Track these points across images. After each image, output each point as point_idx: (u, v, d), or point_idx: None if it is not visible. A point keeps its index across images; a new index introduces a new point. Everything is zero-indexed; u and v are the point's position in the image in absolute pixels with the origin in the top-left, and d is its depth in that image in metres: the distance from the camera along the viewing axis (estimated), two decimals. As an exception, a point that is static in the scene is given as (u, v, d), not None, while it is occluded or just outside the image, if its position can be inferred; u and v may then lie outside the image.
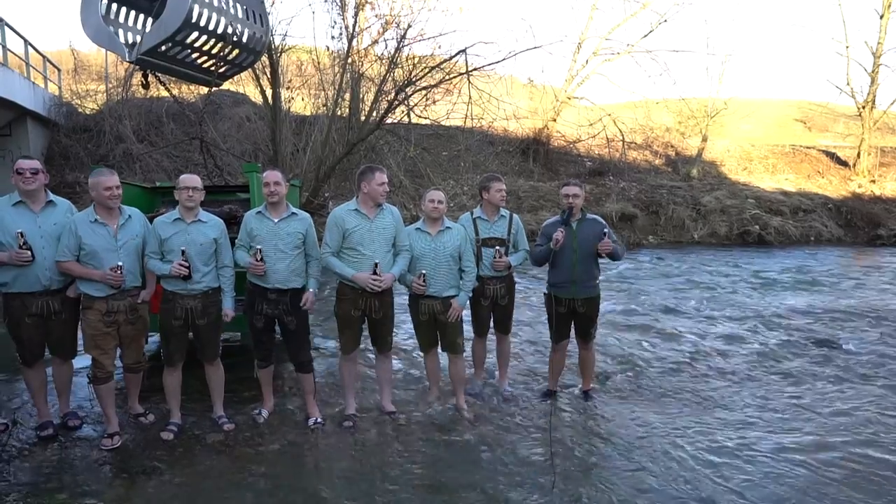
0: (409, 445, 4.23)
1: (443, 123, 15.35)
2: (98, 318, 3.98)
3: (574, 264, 4.71)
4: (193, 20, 5.26)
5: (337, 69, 15.55)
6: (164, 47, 5.40)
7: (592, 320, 4.95)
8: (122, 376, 4.51)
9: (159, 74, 6.38)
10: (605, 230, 4.73)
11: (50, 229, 3.98)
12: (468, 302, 4.76)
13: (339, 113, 15.21)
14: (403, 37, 14.05)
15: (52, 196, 4.11)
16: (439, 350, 4.81)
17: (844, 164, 21.00)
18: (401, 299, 4.81)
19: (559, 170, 19.09)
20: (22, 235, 3.84)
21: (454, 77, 14.03)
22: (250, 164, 5.85)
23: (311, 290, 4.36)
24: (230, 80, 7.47)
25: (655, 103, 20.48)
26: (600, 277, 4.95)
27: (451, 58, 13.96)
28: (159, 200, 5.83)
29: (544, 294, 5.03)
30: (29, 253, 3.86)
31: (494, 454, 4.14)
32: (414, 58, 14.34)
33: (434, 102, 14.42)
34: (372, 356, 5.04)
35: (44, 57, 16.29)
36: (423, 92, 13.93)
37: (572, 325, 4.96)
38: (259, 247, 4.17)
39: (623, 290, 9.63)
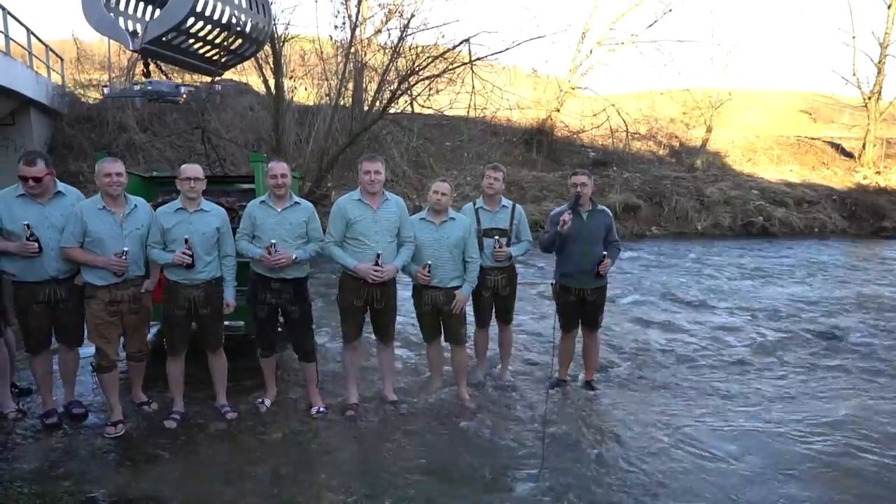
0: (411, 435, 4.25)
1: (446, 113, 15.31)
2: (101, 308, 4.00)
3: (584, 254, 4.72)
4: (198, 9, 5.24)
5: (340, 59, 15.51)
6: (167, 37, 5.38)
7: (600, 308, 4.98)
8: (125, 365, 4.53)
9: (161, 64, 6.36)
10: (610, 223, 4.81)
11: (57, 220, 3.99)
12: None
13: (342, 103, 15.19)
14: (407, 26, 14.03)
15: (60, 186, 4.12)
16: (442, 340, 4.82)
17: (850, 155, 20.88)
18: (404, 290, 4.81)
19: (563, 160, 19.03)
20: (29, 227, 3.86)
21: (457, 67, 13.98)
22: (256, 153, 5.85)
23: (295, 254, 4.21)
24: (232, 69, 7.44)
25: (660, 94, 20.38)
26: None
27: (454, 47, 13.93)
28: (157, 190, 5.82)
29: (551, 284, 5.03)
30: (36, 245, 3.88)
31: (496, 443, 4.15)
32: (417, 47, 14.32)
33: (437, 92, 14.39)
34: (375, 346, 5.04)
35: (46, 46, 16.26)
36: (427, 82, 13.90)
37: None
38: (273, 241, 4.14)
39: (626, 280, 9.63)
